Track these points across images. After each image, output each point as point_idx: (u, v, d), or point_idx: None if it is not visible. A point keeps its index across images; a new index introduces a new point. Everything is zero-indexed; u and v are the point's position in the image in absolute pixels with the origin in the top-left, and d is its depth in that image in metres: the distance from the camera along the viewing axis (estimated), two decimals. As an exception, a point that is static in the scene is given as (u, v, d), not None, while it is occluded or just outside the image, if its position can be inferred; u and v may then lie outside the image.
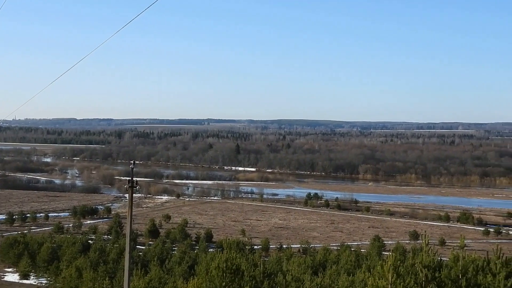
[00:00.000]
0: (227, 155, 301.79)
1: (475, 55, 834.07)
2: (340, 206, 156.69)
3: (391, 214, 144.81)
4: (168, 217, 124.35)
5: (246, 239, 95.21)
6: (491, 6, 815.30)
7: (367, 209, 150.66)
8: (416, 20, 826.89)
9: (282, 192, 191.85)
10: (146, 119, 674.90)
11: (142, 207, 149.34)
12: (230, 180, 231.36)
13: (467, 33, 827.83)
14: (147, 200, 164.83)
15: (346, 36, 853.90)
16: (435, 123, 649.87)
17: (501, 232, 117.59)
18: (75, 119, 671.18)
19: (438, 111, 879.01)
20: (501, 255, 17.09)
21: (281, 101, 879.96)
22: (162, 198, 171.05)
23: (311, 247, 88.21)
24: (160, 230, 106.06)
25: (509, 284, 15.92)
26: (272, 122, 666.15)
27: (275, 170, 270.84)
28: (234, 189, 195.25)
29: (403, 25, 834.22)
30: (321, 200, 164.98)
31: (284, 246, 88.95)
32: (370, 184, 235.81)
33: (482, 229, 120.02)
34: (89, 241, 71.10)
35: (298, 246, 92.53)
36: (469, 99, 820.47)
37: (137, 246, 77.98)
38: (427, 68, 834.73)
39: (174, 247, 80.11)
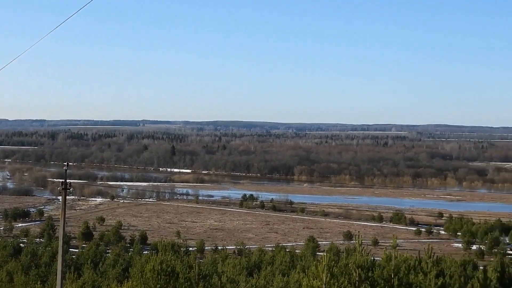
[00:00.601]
0: (162, 157, 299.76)
1: (406, 58, 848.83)
2: (275, 207, 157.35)
3: (326, 215, 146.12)
4: (102, 220, 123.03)
5: (181, 241, 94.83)
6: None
7: (302, 210, 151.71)
8: (342, 16, 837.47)
9: (218, 193, 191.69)
10: (80, 120, 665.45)
11: (75, 209, 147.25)
12: (165, 181, 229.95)
13: (397, 35, 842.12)
14: (80, 202, 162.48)
15: (278, 34, 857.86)
16: (369, 125, 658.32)
17: (432, 232, 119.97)
18: (7, 120, 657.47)
19: (372, 113, 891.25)
20: (432, 254, 17.42)
21: (217, 103, 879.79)
22: (96, 200, 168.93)
23: (246, 248, 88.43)
24: (93, 232, 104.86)
25: (439, 283, 16.22)
26: (208, 123, 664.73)
27: (211, 172, 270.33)
28: (169, 190, 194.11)
29: (323, 20, 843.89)
30: (256, 202, 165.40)
31: (219, 247, 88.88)
32: (305, 185, 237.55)
33: (414, 229, 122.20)
34: (21, 245, 69.72)
35: (233, 247, 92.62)
36: (402, 101, 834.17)
37: (70, 249, 76.85)
38: (360, 70, 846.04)
39: (108, 249, 79.29)
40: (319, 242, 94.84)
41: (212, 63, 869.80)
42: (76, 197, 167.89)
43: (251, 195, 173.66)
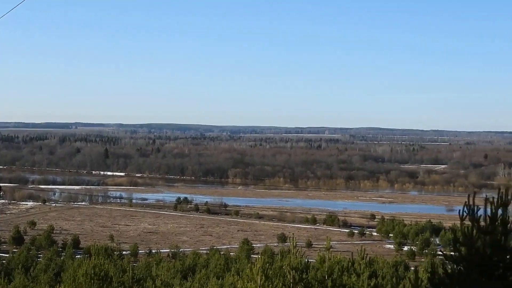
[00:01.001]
0: (95, 160, 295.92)
1: (337, 60, 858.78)
2: (210, 210, 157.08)
3: (260, 217, 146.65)
4: (33, 224, 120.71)
5: (114, 244, 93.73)
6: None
7: (236, 213, 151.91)
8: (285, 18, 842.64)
9: (152, 196, 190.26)
10: (10, 123, 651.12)
11: (5, 213, 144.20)
12: (98, 185, 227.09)
13: (328, 35, 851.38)
14: (11, 207, 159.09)
15: (210, 37, 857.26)
16: (303, 128, 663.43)
17: (365, 233, 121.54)
18: None
19: (306, 116, 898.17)
20: (365, 255, 17.71)
21: (150, 105, 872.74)
22: (27, 204, 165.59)
23: (181, 251, 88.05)
24: (24, 237, 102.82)
25: (372, 284, 16.50)
26: (142, 126, 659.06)
27: (145, 175, 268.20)
28: (102, 194, 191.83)
29: (277, 24, 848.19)
30: (190, 205, 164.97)
31: (154, 251, 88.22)
32: (239, 188, 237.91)
33: (347, 230, 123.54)
34: None
35: (168, 250, 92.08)
36: (335, 104, 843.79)
37: (1, 254, 75.25)
38: (292, 72, 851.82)
39: (40, 254, 77.91)
40: (254, 245, 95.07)
41: (145, 65, 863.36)
42: (7, 201, 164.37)
43: (186, 198, 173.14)
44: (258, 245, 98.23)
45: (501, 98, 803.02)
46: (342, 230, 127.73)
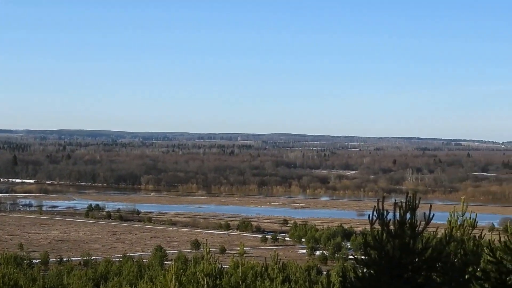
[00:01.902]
0: (3, 167, 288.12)
1: (248, 66, 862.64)
2: (122, 217, 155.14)
3: (173, 224, 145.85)
4: None
5: (24, 253, 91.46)
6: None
7: (149, 220, 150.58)
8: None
9: (62, 204, 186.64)
10: None
11: None
12: (6, 192, 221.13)
13: (237, 43, 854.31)
14: None
15: (120, 44, 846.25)
16: (216, 134, 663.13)
17: (278, 238, 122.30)
18: None
19: (218, 122, 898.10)
20: (278, 260, 17.88)
21: (60, 111, 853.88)
22: None
23: (93, 259, 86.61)
24: None
25: (285, 288, 16.69)
26: (52, 132, 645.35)
27: (55, 182, 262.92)
28: (11, 201, 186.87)
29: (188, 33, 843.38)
30: (102, 212, 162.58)
31: (65, 259, 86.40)
32: (152, 194, 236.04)
33: (261, 236, 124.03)
34: None
35: (79, 258, 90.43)
36: (247, 110, 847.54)
37: None
38: (204, 78, 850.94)
39: None
40: (167, 251, 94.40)
41: (55, 68, 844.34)
42: None
43: (97, 205, 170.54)
44: (171, 251, 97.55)
45: (407, 105, 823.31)
46: (256, 235, 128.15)
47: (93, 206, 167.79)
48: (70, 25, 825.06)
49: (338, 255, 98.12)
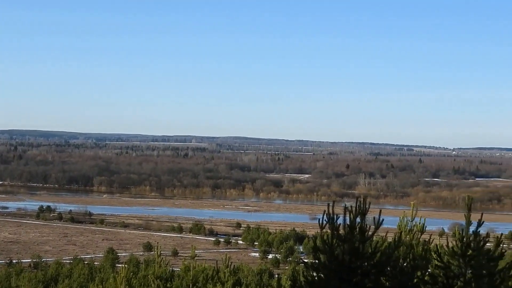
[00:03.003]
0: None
1: (201, 71, 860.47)
2: (74, 218, 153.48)
3: (126, 226, 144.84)
4: None
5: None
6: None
7: (102, 222, 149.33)
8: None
9: (13, 205, 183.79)
10: None
11: None
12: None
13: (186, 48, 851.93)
14: None
15: (73, 42, 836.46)
16: (170, 136, 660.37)
17: (231, 241, 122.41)
18: None
19: (173, 124, 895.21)
20: (230, 264, 17.86)
21: (12, 111, 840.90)
22: None
23: (43, 261, 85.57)
24: None
25: (236, 291, 16.69)
26: (3, 132, 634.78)
27: (6, 182, 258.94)
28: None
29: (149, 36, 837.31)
30: (54, 213, 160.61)
31: (14, 261, 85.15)
32: (104, 196, 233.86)
33: (213, 239, 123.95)
34: None
35: (29, 260, 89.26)
36: (203, 113, 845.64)
37: None
38: (158, 80, 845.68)
39: None
40: (119, 254, 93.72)
41: (6, 68, 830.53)
42: None
43: (49, 206, 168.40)
44: (123, 254, 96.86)
45: (361, 110, 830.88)
46: (208, 238, 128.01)
47: (44, 207, 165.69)
48: (19, 26, 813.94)
49: (290, 258, 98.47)
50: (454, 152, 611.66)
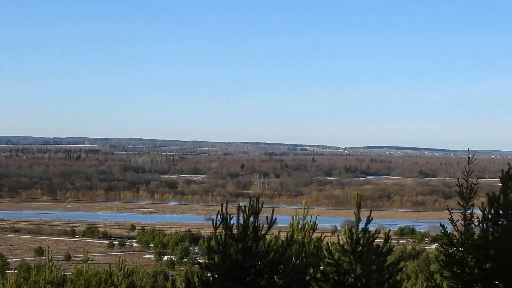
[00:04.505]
0: None
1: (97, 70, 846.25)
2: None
3: (16, 231, 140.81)
4: None
5: None
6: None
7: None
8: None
9: None
10: None
11: None
12: None
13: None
14: None
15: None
16: (62, 138, 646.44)
17: (125, 244, 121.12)
18: None
19: (65, 126, 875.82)
20: (124, 266, 17.65)
21: None
22: None
23: None
24: None
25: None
26: None
27: None
28: None
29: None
30: None
31: None
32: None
33: (107, 242, 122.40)
34: None
35: None
36: (96, 114, 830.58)
37: None
38: (47, 78, 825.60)
39: None
40: (9, 260, 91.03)
41: None
42: None
43: None
44: (13, 260, 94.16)
45: (255, 110, 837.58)
46: (102, 241, 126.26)
47: None
48: None
49: (186, 259, 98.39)
50: (346, 151, 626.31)
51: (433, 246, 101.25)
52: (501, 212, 8.07)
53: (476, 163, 10.44)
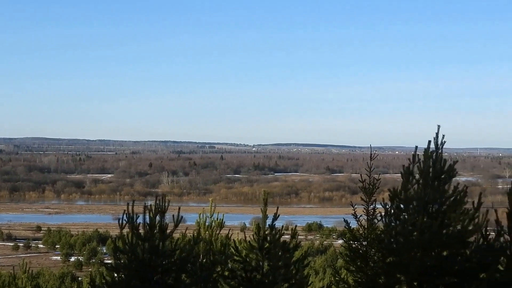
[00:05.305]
0: None
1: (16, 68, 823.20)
2: None
3: None
4: None
5: None
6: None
7: None
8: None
9: None
10: None
11: None
12: None
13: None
14: None
15: None
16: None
17: (31, 246, 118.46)
18: None
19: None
20: (29, 269, 17.25)
21: None
22: None
23: None
24: None
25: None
26: None
27: None
28: None
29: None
30: None
31: None
32: None
33: (12, 244, 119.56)
34: None
35: None
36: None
37: None
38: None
39: None
40: None
41: None
42: None
43: None
44: None
45: (163, 108, 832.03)
46: (7, 243, 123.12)
47: None
48: None
49: (93, 260, 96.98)
50: (254, 149, 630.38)
51: (340, 241, 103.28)
52: (402, 206, 8.26)
53: (380, 159, 10.68)
